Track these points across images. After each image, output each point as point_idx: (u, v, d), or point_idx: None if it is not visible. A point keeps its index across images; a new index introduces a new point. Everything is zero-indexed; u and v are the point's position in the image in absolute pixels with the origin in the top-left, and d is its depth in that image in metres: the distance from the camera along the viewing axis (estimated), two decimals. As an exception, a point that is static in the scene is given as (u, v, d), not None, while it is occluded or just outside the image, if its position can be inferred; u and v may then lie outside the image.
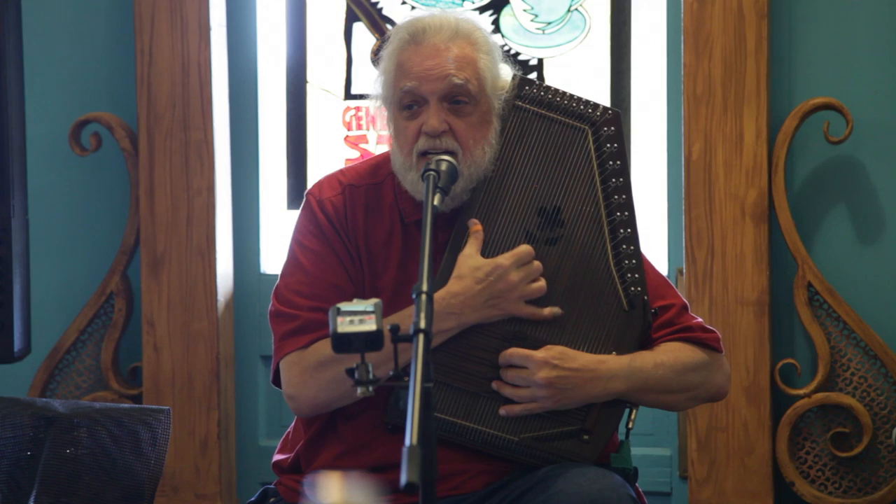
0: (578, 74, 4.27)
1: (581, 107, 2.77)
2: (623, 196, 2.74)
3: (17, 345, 3.32)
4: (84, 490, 2.92)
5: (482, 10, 4.30)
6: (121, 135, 4.26)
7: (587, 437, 2.71)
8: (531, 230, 2.73)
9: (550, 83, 3.53)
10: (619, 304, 2.72)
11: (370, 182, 2.81)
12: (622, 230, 2.73)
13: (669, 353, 2.74)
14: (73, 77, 4.36)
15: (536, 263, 2.70)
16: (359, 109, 4.36)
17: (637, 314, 2.72)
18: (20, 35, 3.39)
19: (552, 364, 2.66)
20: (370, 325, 2.28)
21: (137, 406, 3.15)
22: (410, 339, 2.23)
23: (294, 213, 2.86)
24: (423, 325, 2.24)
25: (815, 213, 4.08)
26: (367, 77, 4.30)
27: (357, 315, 2.29)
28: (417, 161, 2.70)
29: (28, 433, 2.95)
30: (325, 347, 2.67)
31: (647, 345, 2.75)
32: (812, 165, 4.08)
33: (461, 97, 2.70)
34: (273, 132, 4.41)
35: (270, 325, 2.78)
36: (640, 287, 2.72)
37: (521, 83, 2.78)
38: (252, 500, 2.84)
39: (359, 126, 4.37)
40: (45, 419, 2.95)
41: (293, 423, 2.87)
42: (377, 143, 4.34)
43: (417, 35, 2.72)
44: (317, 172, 4.33)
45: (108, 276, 4.28)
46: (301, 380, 2.72)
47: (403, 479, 2.05)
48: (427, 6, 4.32)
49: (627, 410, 2.77)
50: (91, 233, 4.37)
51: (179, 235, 4.25)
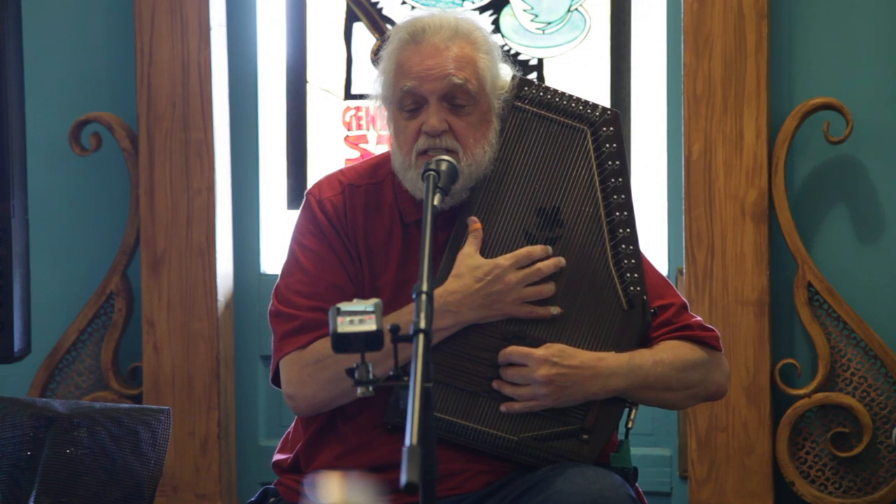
0: (578, 74, 4.27)
1: (580, 107, 2.77)
2: (622, 196, 2.74)
3: (17, 345, 3.32)
4: (84, 490, 2.92)
5: (482, 10, 4.30)
6: (121, 135, 4.26)
7: (586, 437, 2.71)
8: (530, 230, 2.73)
9: (550, 83, 3.52)
10: (619, 304, 2.72)
11: (370, 182, 2.82)
12: (621, 230, 2.73)
13: (668, 351, 2.74)
14: (73, 77, 4.36)
15: (540, 265, 2.70)
16: (359, 109, 4.36)
17: (636, 314, 2.72)
18: (20, 35, 3.39)
19: (552, 361, 2.66)
20: (370, 325, 2.28)
21: (137, 406, 3.15)
22: (410, 339, 2.24)
23: (294, 213, 2.86)
24: (423, 325, 2.24)
25: (815, 213, 4.08)
26: (367, 77, 4.30)
27: (357, 315, 2.30)
28: (417, 160, 2.70)
29: (28, 433, 2.95)
30: (324, 346, 2.67)
31: (647, 344, 2.75)
32: (812, 165, 4.08)
33: (461, 97, 2.70)
34: (273, 132, 4.41)
35: (270, 325, 2.78)
36: (640, 287, 2.72)
37: (521, 84, 2.78)
38: (252, 500, 2.84)
39: (359, 126, 4.36)
40: (45, 419, 2.95)
41: (293, 423, 2.87)
42: (377, 143, 4.33)
43: (417, 35, 2.72)
44: (317, 172, 4.32)
45: (108, 276, 4.28)
46: (300, 379, 2.72)
47: (403, 479, 2.05)
48: (427, 6, 4.32)
49: (627, 410, 2.77)
50: (91, 233, 4.37)
51: (179, 235, 4.24)
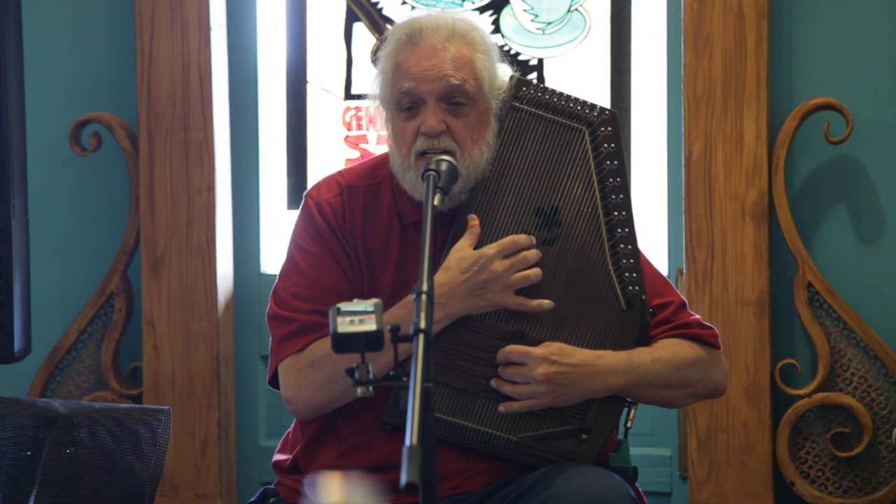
0: (578, 74, 4.27)
1: (578, 107, 2.77)
2: (620, 196, 2.74)
3: (17, 345, 3.32)
4: (84, 490, 2.91)
5: (482, 10, 4.30)
6: (121, 135, 4.26)
7: (586, 437, 2.71)
8: (529, 230, 2.73)
9: (550, 83, 3.52)
10: (617, 304, 2.72)
11: (368, 183, 2.81)
12: (620, 230, 2.73)
13: (667, 349, 2.74)
14: (73, 77, 4.36)
15: (525, 253, 2.69)
16: (359, 109, 4.36)
17: (635, 313, 2.72)
18: (20, 35, 3.39)
19: (550, 360, 2.66)
20: (370, 325, 2.28)
21: (137, 406, 3.15)
22: (411, 339, 2.24)
23: (294, 213, 2.86)
24: (424, 325, 2.24)
25: (815, 213, 4.08)
26: (367, 77, 4.30)
27: (357, 315, 2.30)
28: (416, 161, 2.70)
29: (28, 433, 2.95)
30: (320, 347, 2.67)
31: (645, 342, 2.75)
32: (812, 165, 4.08)
33: (459, 97, 2.70)
34: (273, 132, 4.41)
35: (269, 328, 2.78)
36: (638, 286, 2.72)
37: (518, 84, 2.78)
38: (252, 501, 2.84)
39: (359, 126, 4.36)
40: (46, 419, 2.94)
41: (293, 424, 2.86)
42: (377, 143, 4.33)
43: (414, 35, 2.72)
44: (317, 172, 4.33)
45: (108, 276, 4.28)
46: (297, 382, 2.72)
47: (403, 480, 2.05)
48: (427, 6, 4.32)
49: (626, 410, 2.77)
50: (91, 233, 4.37)
51: (179, 235, 4.24)
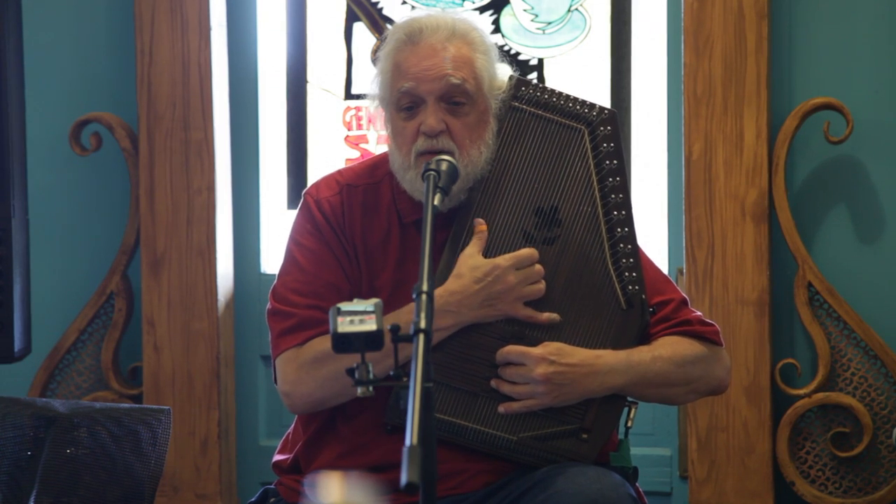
0: (578, 74, 4.27)
1: (577, 107, 2.77)
2: (620, 195, 2.74)
3: (18, 345, 3.32)
4: (84, 490, 2.92)
5: (482, 10, 4.30)
6: (121, 135, 4.26)
7: (586, 436, 2.71)
8: (528, 230, 2.73)
9: (550, 83, 3.52)
10: (617, 303, 2.72)
11: (368, 182, 2.82)
12: (619, 229, 2.73)
13: (667, 347, 2.74)
14: (73, 77, 4.36)
15: (538, 267, 2.70)
16: (359, 109, 4.36)
17: (635, 313, 2.72)
18: (20, 35, 3.39)
19: (549, 360, 2.66)
20: (370, 325, 2.28)
21: (137, 406, 3.15)
22: (410, 339, 2.24)
23: (294, 213, 2.86)
24: (424, 325, 2.24)
25: (815, 213, 4.08)
26: (368, 77, 4.27)
27: (357, 315, 2.30)
28: (416, 161, 2.70)
29: (28, 433, 2.95)
30: (321, 344, 2.68)
31: (646, 341, 2.75)
32: (812, 165, 4.08)
33: (458, 97, 2.70)
34: (273, 132, 4.41)
35: (268, 324, 2.78)
36: (638, 286, 2.72)
37: (518, 84, 2.78)
38: (252, 501, 2.84)
39: (359, 126, 4.36)
40: (46, 419, 2.94)
41: (293, 424, 2.87)
42: (377, 143, 4.33)
43: (414, 35, 2.72)
44: (317, 172, 4.32)
45: (108, 276, 4.28)
46: (296, 376, 2.72)
47: (403, 479, 2.05)
48: (427, 6, 4.32)
49: (626, 409, 2.77)
50: (91, 233, 4.37)
51: (179, 235, 4.24)
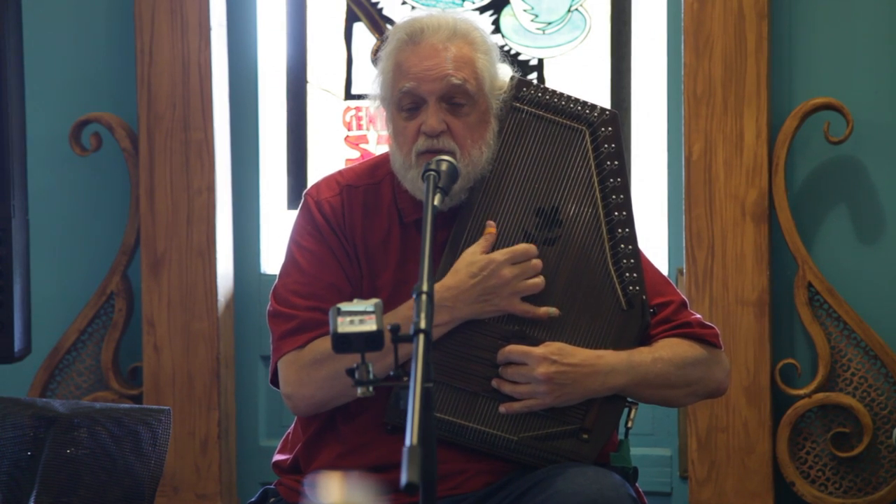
0: (578, 74, 4.27)
1: (578, 108, 2.77)
2: (621, 196, 2.74)
3: (18, 345, 3.32)
4: (84, 490, 2.91)
5: (482, 10, 4.30)
6: (121, 135, 4.26)
7: (586, 437, 2.71)
8: (529, 230, 2.73)
9: (550, 83, 3.51)
10: (618, 304, 2.73)
11: (368, 182, 2.82)
12: (620, 230, 2.73)
13: (668, 349, 2.74)
14: (73, 77, 4.36)
15: (535, 262, 2.70)
16: (359, 109, 4.36)
17: (635, 314, 2.72)
18: (20, 35, 3.39)
19: (551, 359, 2.66)
20: (370, 326, 2.29)
21: (137, 406, 3.15)
22: (410, 339, 2.24)
23: (294, 213, 2.86)
24: (424, 325, 2.24)
25: (815, 213, 4.08)
26: (368, 77, 4.30)
27: (357, 315, 2.30)
28: (417, 161, 2.70)
29: (28, 433, 2.95)
30: (322, 345, 2.68)
31: (646, 342, 2.75)
32: (812, 165, 4.08)
33: (459, 97, 2.70)
34: (273, 132, 4.41)
35: (269, 326, 2.78)
36: (639, 286, 2.72)
37: (519, 85, 2.78)
38: (252, 501, 2.84)
39: (359, 126, 4.36)
40: (46, 419, 2.94)
41: (293, 424, 2.87)
42: (377, 143, 4.33)
43: (415, 35, 2.72)
44: (317, 172, 4.32)
45: (108, 276, 4.28)
46: (298, 378, 2.72)
47: (403, 479, 2.05)
48: (427, 6, 4.32)
49: (626, 410, 2.77)
50: (91, 233, 4.37)
51: (179, 235, 4.24)
